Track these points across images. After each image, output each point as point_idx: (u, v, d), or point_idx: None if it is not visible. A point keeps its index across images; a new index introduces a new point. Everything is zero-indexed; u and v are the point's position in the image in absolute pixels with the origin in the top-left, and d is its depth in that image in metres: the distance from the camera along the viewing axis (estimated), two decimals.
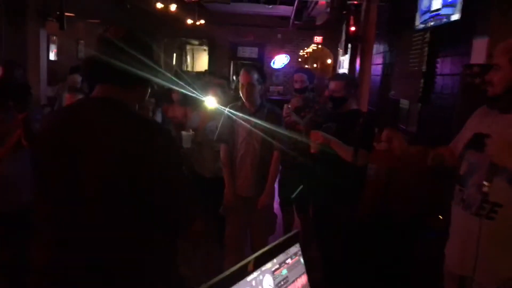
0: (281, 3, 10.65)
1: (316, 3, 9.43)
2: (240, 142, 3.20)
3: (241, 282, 0.91)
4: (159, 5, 9.32)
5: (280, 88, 14.13)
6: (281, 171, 3.78)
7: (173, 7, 9.40)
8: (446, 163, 2.10)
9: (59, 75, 8.34)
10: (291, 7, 10.56)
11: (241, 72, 3.19)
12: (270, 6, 11.15)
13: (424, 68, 4.75)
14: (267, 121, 3.11)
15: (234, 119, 3.19)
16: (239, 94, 3.28)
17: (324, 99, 3.91)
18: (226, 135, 3.24)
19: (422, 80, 4.75)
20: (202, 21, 11.98)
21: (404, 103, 5.77)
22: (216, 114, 3.59)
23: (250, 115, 3.17)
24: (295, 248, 1.13)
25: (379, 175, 3.67)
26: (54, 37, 9.17)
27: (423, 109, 4.79)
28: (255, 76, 3.13)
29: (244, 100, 3.21)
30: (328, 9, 8.85)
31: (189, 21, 11.53)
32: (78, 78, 4.55)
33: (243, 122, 3.17)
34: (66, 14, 7.84)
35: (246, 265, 0.94)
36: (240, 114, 3.16)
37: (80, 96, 2.76)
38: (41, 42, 7.94)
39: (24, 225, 2.64)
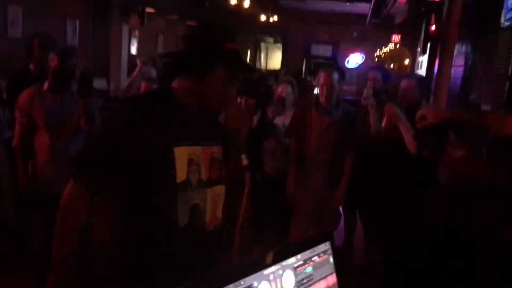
0: (359, 0, 10.36)
1: (395, 0, 9.03)
2: (313, 139, 3.21)
3: (256, 275, 0.87)
4: (233, 1, 9.48)
5: (353, 88, 13.76)
6: None
7: (246, 3, 9.52)
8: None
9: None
10: (368, 4, 10.23)
11: (321, 72, 3.23)
12: (347, 4, 10.89)
13: (510, 70, 4.36)
14: (342, 121, 3.13)
15: (306, 115, 3.22)
16: (309, 92, 3.33)
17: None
18: (297, 131, 3.26)
19: (507, 83, 4.37)
20: (275, 18, 12.00)
21: (486, 107, 5.34)
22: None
23: (325, 113, 3.18)
24: (325, 246, 1.06)
25: (449, 182, 3.43)
26: (136, 32, 9.69)
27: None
28: (335, 76, 3.15)
29: (321, 99, 3.21)
30: (407, 7, 8.44)
31: (263, 17, 11.60)
32: (152, 69, 4.79)
33: (317, 120, 3.19)
34: (147, 10, 8.25)
35: (264, 257, 0.89)
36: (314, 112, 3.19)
37: (154, 86, 2.92)
38: (123, 37, 8.44)
39: None
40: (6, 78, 3.48)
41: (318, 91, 3.24)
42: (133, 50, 9.61)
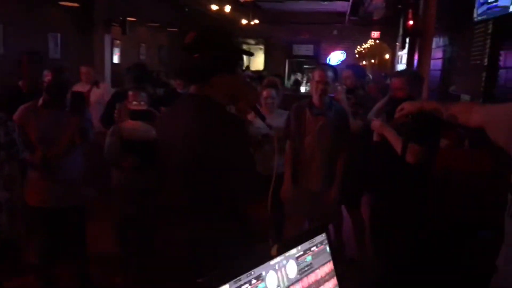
0: None
1: None
2: (308, 139, 3.26)
3: (264, 265, 0.97)
4: (214, 7, 9.57)
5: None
6: None
7: (227, 8, 9.62)
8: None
9: (122, 76, 8.83)
10: (347, 3, 10.41)
11: (316, 70, 3.25)
12: (326, 2, 11.05)
13: (486, 61, 4.52)
14: (335, 120, 3.17)
15: (301, 117, 3.26)
16: (296, 91, 3.34)
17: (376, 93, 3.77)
18: (292, 132, 3.30)
19: (484, 74, 4.52)
20: (257, 21, 12.13)
21: (466, 98, 5.52)
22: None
23: (318, 113, 3.22)
24: (321, 237, 1.16)
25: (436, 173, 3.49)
26: (118, 41, 9.71)
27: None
28: (330, 74, 3.19)
29: (314, 98, 3.25)
30: (385, 4, 8.62)
31: (244, 21, 11.72)
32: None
33: (311, 121, 3.23)
34: (128, 19, 8.30)
35: (269, 250, 0.99)
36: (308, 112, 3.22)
37: (143, 94, 2.94)
38: (105, 47, 8.46)
39: (81, 218, 2.88)
40: None
41: (310, 88, 3.26)
42: (116, 59, 9.63)
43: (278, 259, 1.01)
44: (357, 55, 14.34)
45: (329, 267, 1.14)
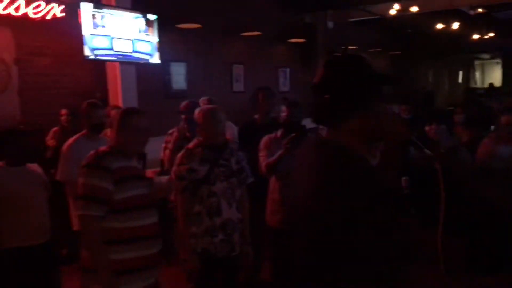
0: None
1: None
2: None
3: None
4: (439, 26, 8.92)
5: None
6: None
7: (455, 25, 8.82)
8: None
9: None
10: None
11: None
12: None
13: None
14: None
15: None
16: None
17: None
18: None
19: None
20: (491, 34, 10.74)
21: None
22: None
23: None
24: None
25: None
26: None
27: None
28: None
29: None
30: None
31: (475, 36, 10.54)
32: None
33: None
34: (350, 47, 8.52)
35: None
36: None
37: None
38: None
39: None
40: (238, 126, 4.02)
41: None
42: None
43: None
44: None
45: None
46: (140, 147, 2.22)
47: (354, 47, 8.93)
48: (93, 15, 4.61)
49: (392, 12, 7.43)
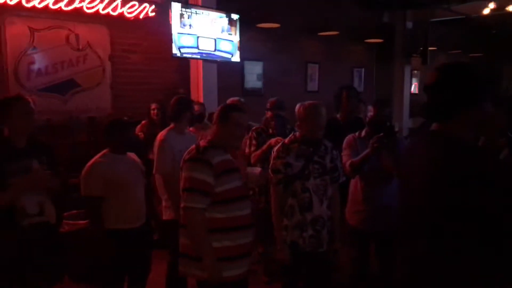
0: None
1: None
2: None
3: None
4: None
5: None
6: None
7: None
8: None
9: (416, 107, 8.73)
10: None
11: None
12: None
13: None
14: None
15: None
16: None
17: None
18: None
19: None
20: None
21: None
22: None
23: None
24: None
25: None
26: (415, 71, 9.70)
27: None
28: None
29: None
30: None
31: None
32: None
33: None
34: (430, 48, 8.19)
35: None
36: None
37: None
38: (405, 78, 8.59)
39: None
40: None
41: None
42: (413, 89, 9.66)
43: None
44: None
45: None
46: (238, 142, 2.31)
47: (433, 48, 8.58)
48: (181, 14, 4.83)
49: (486, 11, 7.00)
